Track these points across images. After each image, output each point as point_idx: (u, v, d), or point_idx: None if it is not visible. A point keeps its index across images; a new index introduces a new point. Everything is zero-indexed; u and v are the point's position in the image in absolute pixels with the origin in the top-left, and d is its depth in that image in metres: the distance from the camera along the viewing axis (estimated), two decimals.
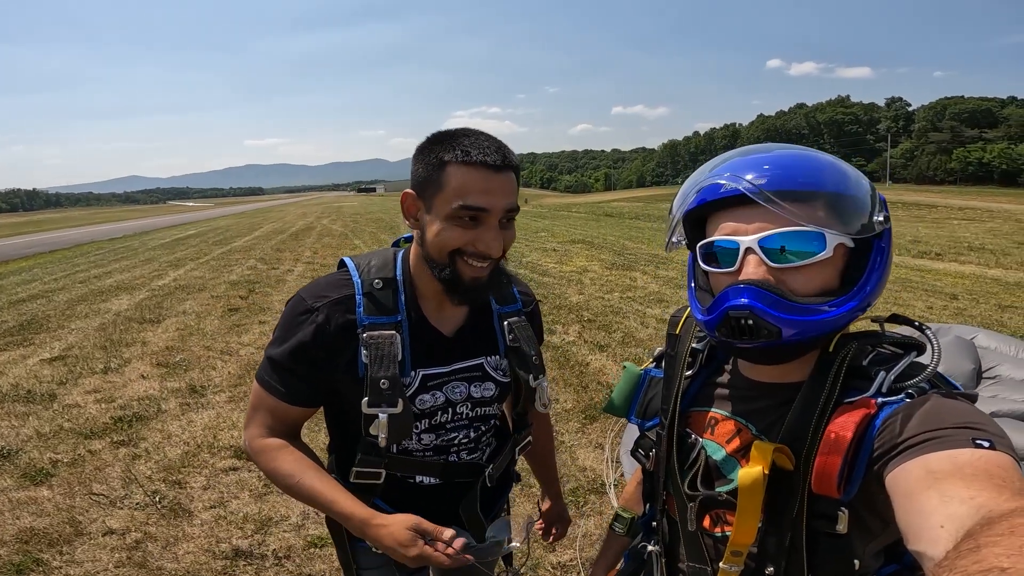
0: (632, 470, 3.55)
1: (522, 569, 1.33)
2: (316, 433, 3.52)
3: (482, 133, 1.08)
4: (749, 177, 0.78)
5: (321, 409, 1.27)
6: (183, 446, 3.93)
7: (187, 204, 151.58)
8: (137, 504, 3.22)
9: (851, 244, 0.80)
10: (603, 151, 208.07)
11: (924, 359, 0.79)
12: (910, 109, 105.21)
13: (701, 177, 0.85)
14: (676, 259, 12.12)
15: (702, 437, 0.94)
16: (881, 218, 0.79)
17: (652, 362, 1.10)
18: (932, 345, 0.79)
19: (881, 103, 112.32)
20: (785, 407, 0.83)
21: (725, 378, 0.97)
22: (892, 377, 0.76)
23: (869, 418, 0.74)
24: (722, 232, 0.83)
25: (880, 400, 0.75)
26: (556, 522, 1.59)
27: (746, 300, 0.77)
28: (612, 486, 3.28)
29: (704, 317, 0.84)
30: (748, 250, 0.79)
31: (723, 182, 0.80)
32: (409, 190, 1.13)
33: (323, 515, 1.20)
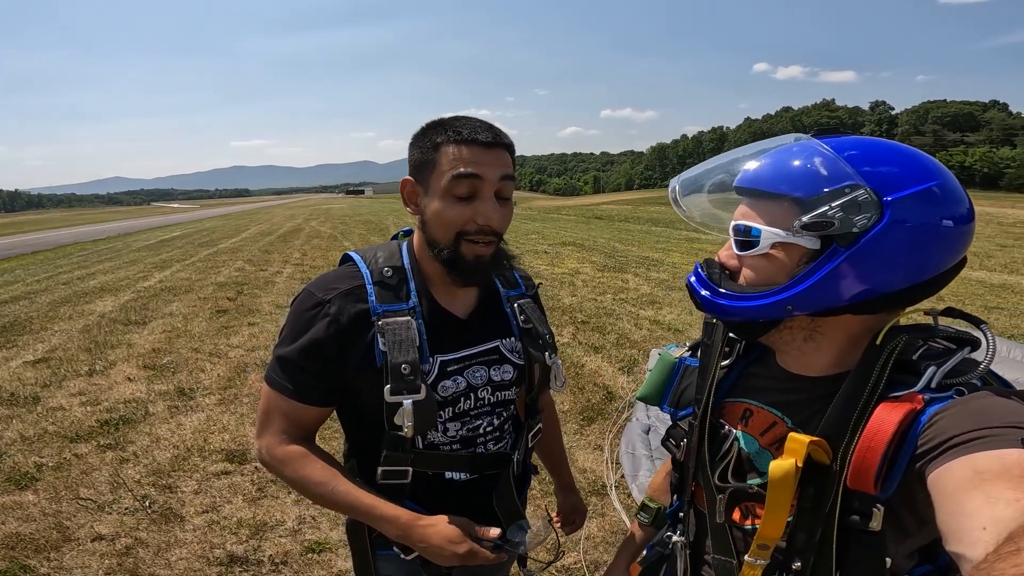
0: (632, 470, 3.55)
1: (536, 571, 1.31)
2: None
3: (474, 117, 1.11)
4: (739, 172, 0.86)
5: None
6: (172, 449, 3.84)
7: (172, 205, 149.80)
8: (126, 509, 3.14)
9: (811, 245, 0.78)
10: (592, 154, 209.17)
11: (978, 355, 0.76)
12: (893, 113, 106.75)
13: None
14: (667, 260, 12.16)
15: (736, 428, 0.93)
16: (805, 223, 0.76)
17: (688, 351, 1.09)
18: (987, 341, 0.76)
19: (865, 107, 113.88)
20: (824, 400, 0.81)
21: (763, 369, 0.95)
22: (942, 373, 0.73)
23: (914, 414, 0.71)
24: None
25: (928, 396, 0.72)
26: (573, 513, 1.55)
27: (690, 275, 0.90)
28: (613, 487, 3.26)
29: None
30: (732, 232, 0.87)
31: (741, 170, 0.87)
32: (407, 177, 1.14)
33: (320, 521, 1.17)
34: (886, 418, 0.72)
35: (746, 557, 0.84)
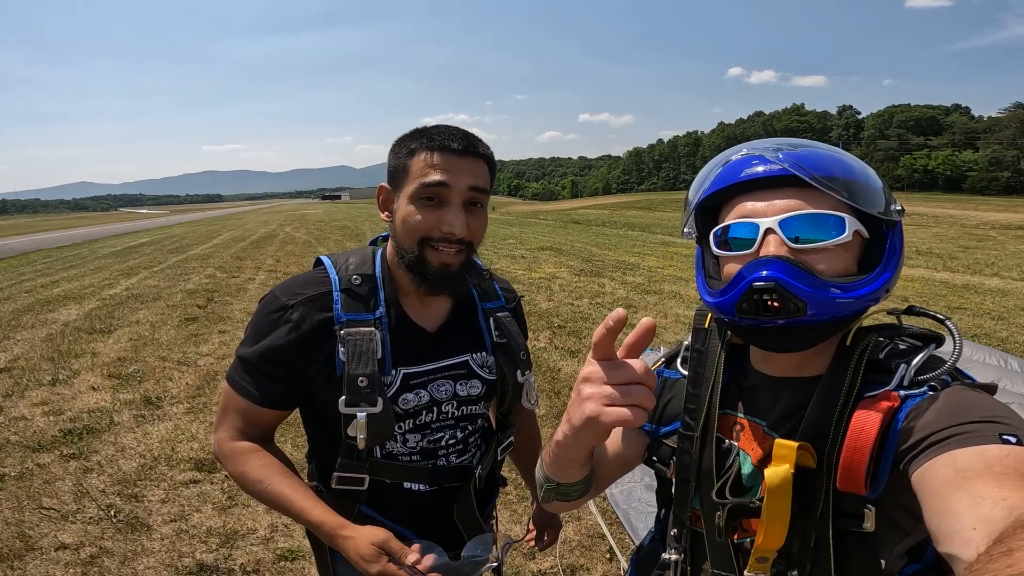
0: None
1: None
2: (283, 444, 3.40)
3: (454, 126, 1.10)
4: (780, 157, 0.77)
5: (294, 416, 1.21)
6: (139, 459, 3.75)
7: (140, 211, 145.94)
8: (91, 518, 3.05)
9: (866, 235, 0.79)
10: (570, 159, 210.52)
11: (942, 351, 0.77)
12: (860, 117, 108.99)
13: (720, 161, 0.84)
14: (643, 265, 12.28)
15: (735, 442, 0.88)
16: (898, 207, 0.79)
17: (662, 362, 1.02)
18: (953, 337, 0.76)
19: (833, 111, 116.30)
20: (802, 404, 0.80)
21: (743, 378, 0.91)
22: (912, 369, 0.74)
23: (893, 411, 0.71)
24: (739, 214, 0.80)
25: (903, 393, 0.72)
26: (547, 527, 1.53)
27: (770, 272, 0.73)
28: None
29: (719, 298, 0.79)
30: (768, 231, 0.76)
31: (755, 162, 0.78)
32: (384, 184, 1.13)
33: (292, 529, 1.14)
34: (868, 418, 0.71)
35: (746, 572, 0.81)
